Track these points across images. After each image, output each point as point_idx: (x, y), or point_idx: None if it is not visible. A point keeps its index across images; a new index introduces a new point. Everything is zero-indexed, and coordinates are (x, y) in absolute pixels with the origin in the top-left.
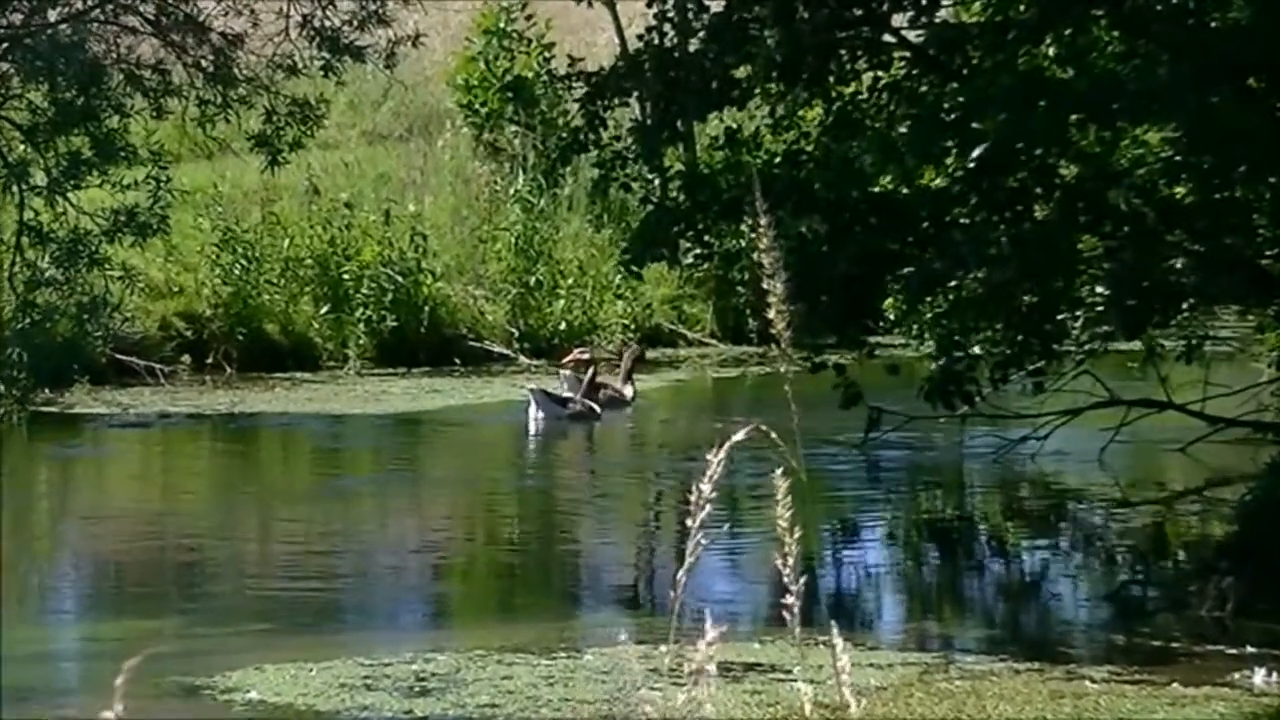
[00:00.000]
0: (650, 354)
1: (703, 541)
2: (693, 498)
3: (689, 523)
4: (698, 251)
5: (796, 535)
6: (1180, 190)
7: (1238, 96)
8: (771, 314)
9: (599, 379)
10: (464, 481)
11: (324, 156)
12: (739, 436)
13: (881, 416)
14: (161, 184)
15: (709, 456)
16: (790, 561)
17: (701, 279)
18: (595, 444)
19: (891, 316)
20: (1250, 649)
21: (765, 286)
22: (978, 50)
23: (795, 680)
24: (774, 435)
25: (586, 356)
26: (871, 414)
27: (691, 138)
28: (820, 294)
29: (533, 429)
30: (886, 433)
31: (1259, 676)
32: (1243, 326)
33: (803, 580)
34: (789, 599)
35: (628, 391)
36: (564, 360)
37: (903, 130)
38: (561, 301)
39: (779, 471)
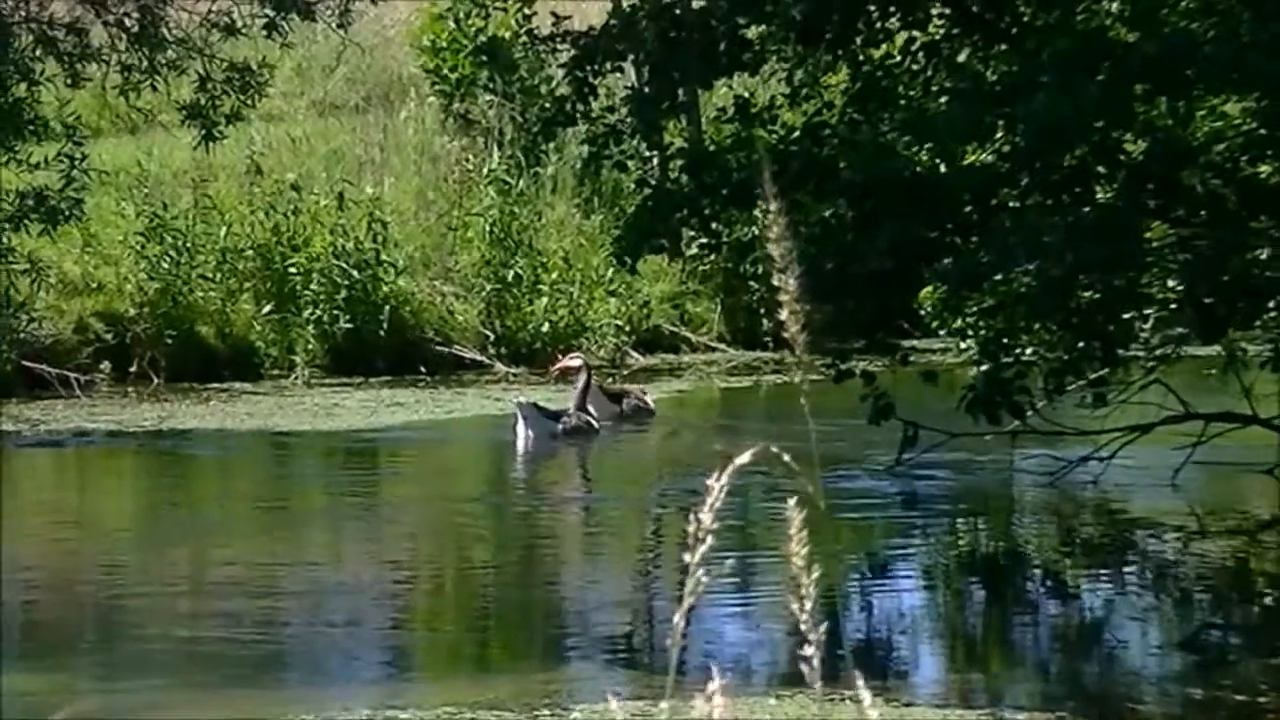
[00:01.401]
0: (648, 361)
1: (704, 581)
2: (691, 528)
3: (687, 557)
4: (703, 241)
5: (816, 574)
6: (1265, 169)
7: None
8: (785, 315)
9: (621, 386)
10: (431, 511)
11: (267, 131)
12: (745, 459)
13: (917, 433)
14: (77, 162)
15: (711, 482)
16: (809, 605)
17: (708, 273)
18: (590, 466)
19: (928, 317)
20: None
21: (778, 283)
22: (1029, 7)
23: None
24: (788, 457)
25: (577, 363)
26: (905, 430)
27: (696, 109)
28: (846, 290)
29: (520, 448)
30: (923, 452)
31: None
32: None
33: (824, 627)
34: (808, 648)
35: (650, 401)
36: (553, 368)
37: (941, 101)
38: (544, 299)
39: (794, 500)
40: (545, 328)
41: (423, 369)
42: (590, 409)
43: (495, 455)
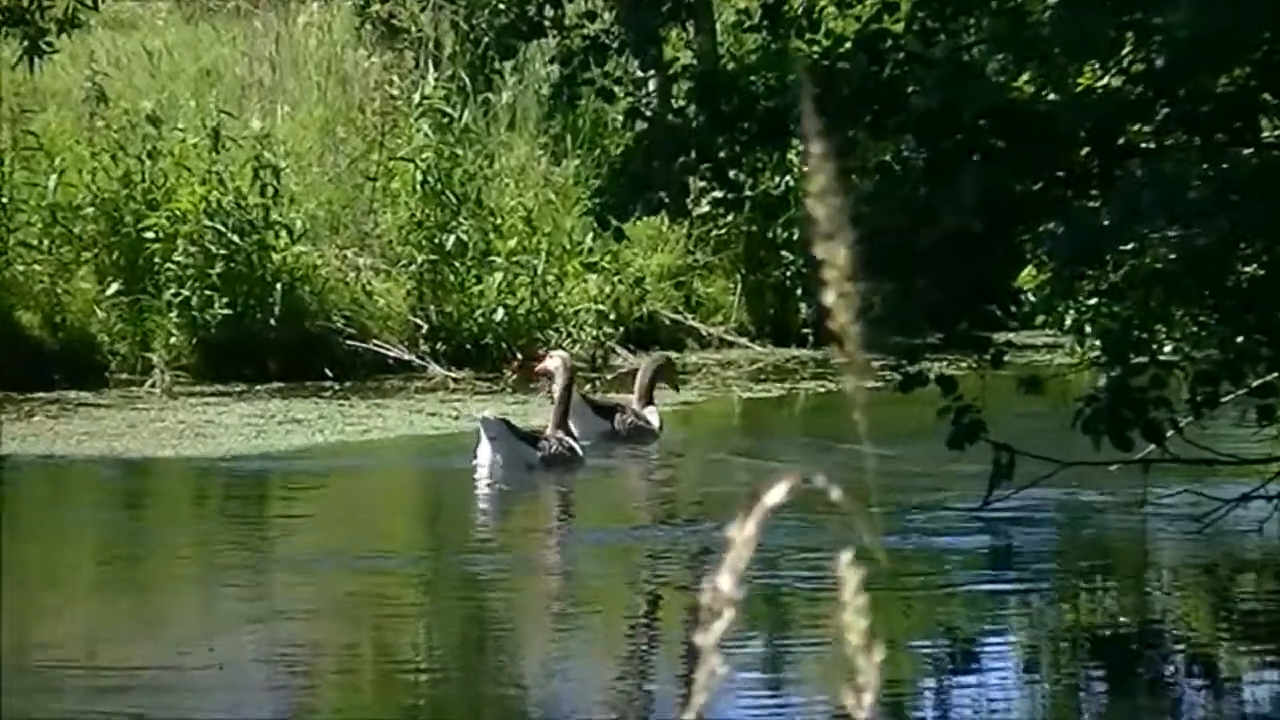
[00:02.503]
0: (641, 361)
1: (720, 671)
2: (704, 598)
3: (697, 640)
4: (718, 196)
5: (876, 656)
6: None
7: None
8: (831, 298)
9: (616, 399)
10: (341, 574)
11: (115, 43)
12: (778, 497)
13: (1013, 462)
14: None
15: (733, 531)
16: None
17: (724, 241)
18: (572, 508)
19: (1030, 301)
20: None
21: (822, 253)
22: None
23: None
24: (837, 492)
25: (556, 364)
26: (998, 458)
27: (708, 12)
28: (915, 264)
29: (483, 481)
30: (1023, 488)
31: None
32: None
33: None
34: None
35: (653, 419)
36: (518, 368)
37: (1047, 5)
38: (498, 276)
39: (846, 554)
40: (499, 315)
41: (329, 372)
42: (572, 428)
43: (432, 493)
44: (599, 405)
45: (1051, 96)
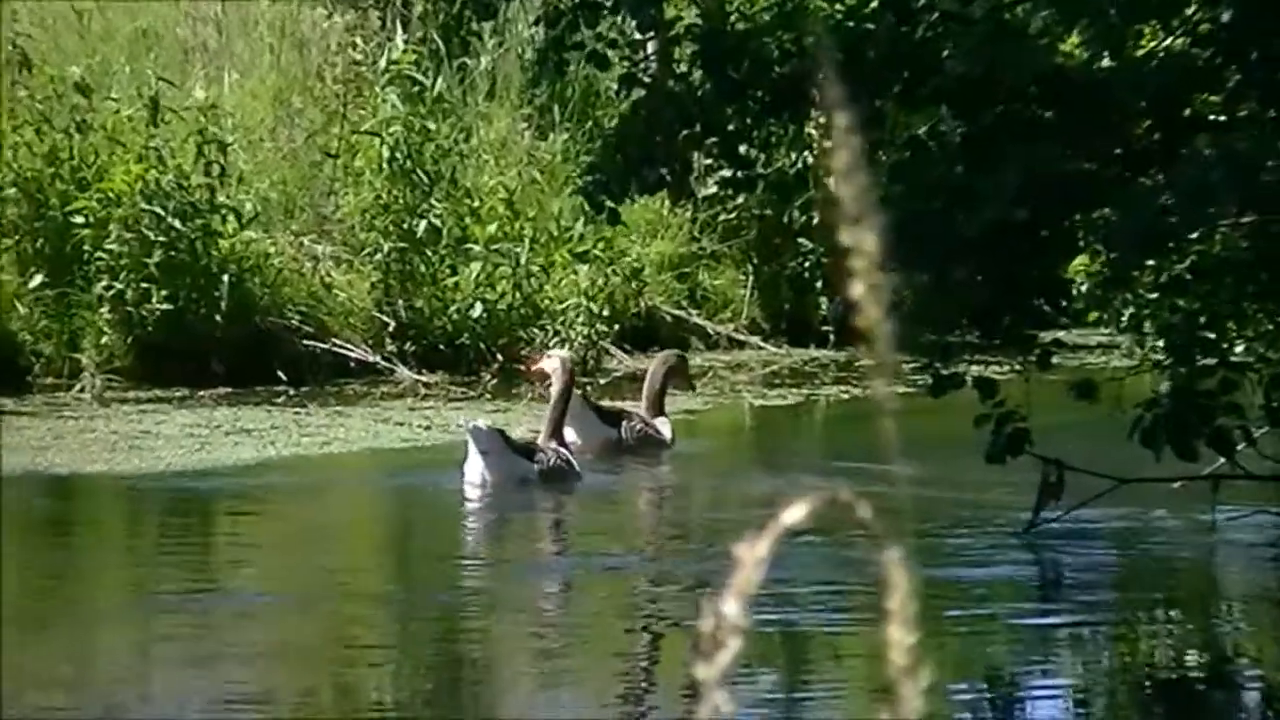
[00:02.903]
0: (637, 363)
1: (725, 709)
2: (705, 625)
3: (698, 673)
4: (726, 175)
5: (922, 681)
6: None
7: None
8: (859, 290)
9: (625, 406)
10: (298, 610)
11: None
12: (797, 515)
13: (1063, 477)
14: None
15: (743, 551)
16: None
17: (733, 226)
18: (570, 527)
19: (1083, 295)
20: None
21: (848, 240)
22: None
23: None
24: (865, 508)
25: (555, 365)
26: (1046, 473)
27: None
28: (951, 253)
29: (473, 494)
30: (1074, 508)
31: None
32: None
33: None
34: None
35: (665, 428)
36: (520, 370)
37: None
38: (476, 266)
39: (893, 552)
40: (477, 311)
41: (283, 376)
42: (569, 437)
43: (402, 515)
44: (603, 410)
45: (1106, 62)
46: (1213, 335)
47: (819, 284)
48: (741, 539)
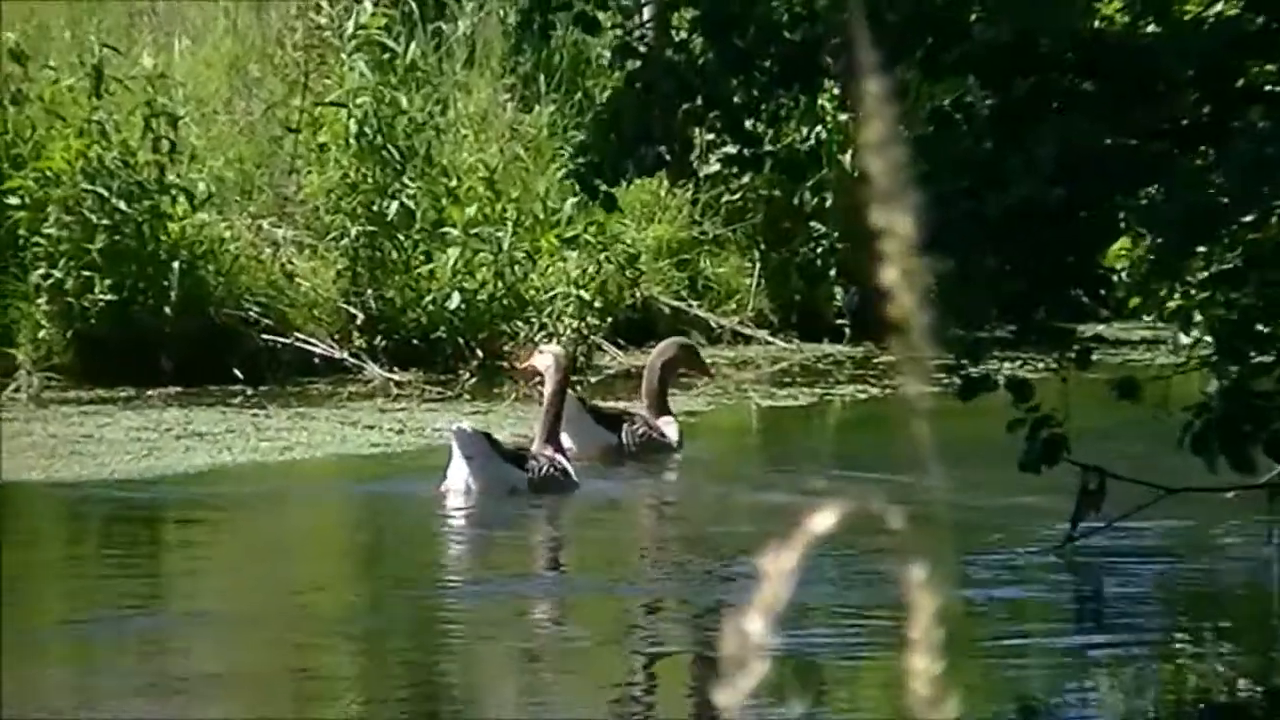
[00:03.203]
0: (632, 359)
1: None
2: (728, 645)
3: (719, 698)
4: (731, 152)
5: (949, 711)
6: None
7: None
8: (890, 277)
9: (626, 407)
10: (258, 628)
11: None
12: (826, 524)
13: (1104, 486)
14: None
15: (768, 563)
16: None
17: (738, 208)
18: (557, 543)
19: (1124, 285)
20: None
21: (878, 220)
22: None
23: None
24: (898, 519)
25: (548, 361)
26: (1085, 481)
27: None
28: (981, 238)
29: (456, 504)
30: (1117, 520)
31: None
32: None
33: None
34: None
35: (670, 431)
36: (517, 366)
37: None
38: (453, 252)
39: (918, 571)
40: (454, 301)
41: (240, 374)
42: (564, 442)
43: (371, 528)
44: (602, 413)
45: (1151, 27)
46: (1268, 329)
47: (833, 272)
48: (762, 553)
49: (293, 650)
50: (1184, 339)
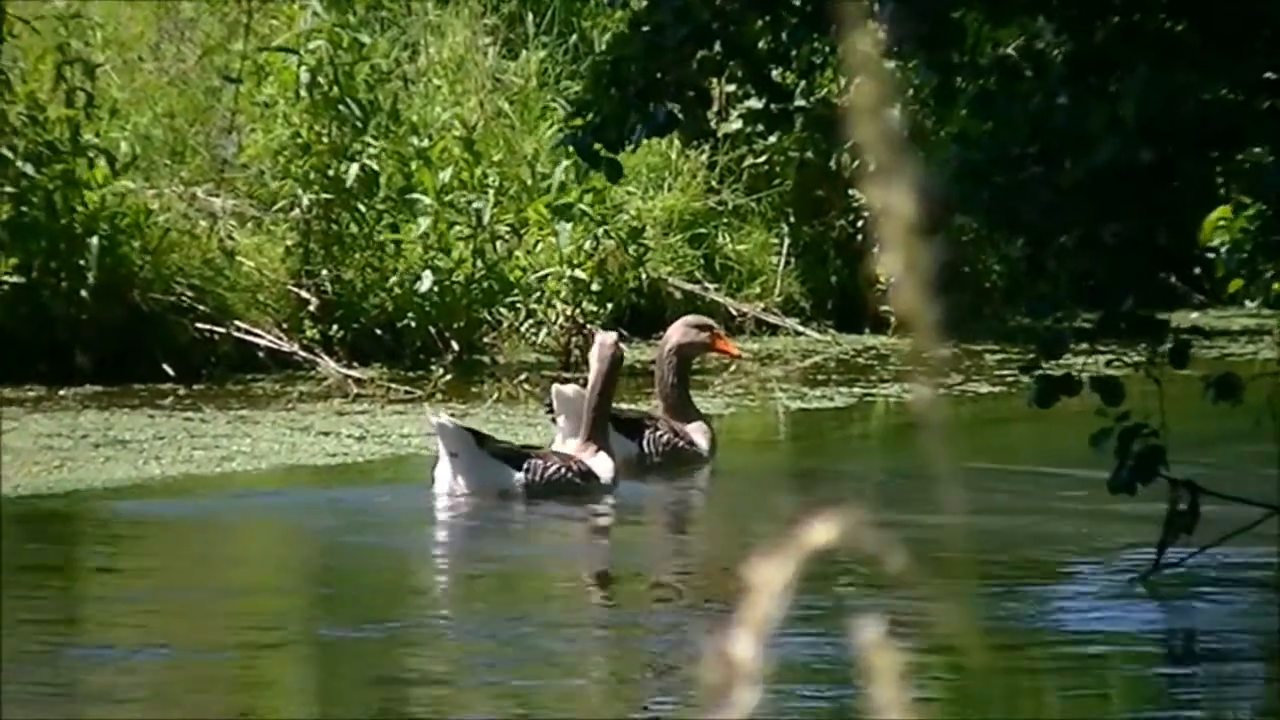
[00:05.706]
0: (638, 352)
1: None
2: (708, 669)
3: None
4: (754, 106)
5: None
6: None
7: None
8: (893, 262)
9: (649, 411)
10: (188, 665)
11: None
12: (825, 536)
13: (1198, 504)
14: None
15: (756, 574)
16: None
17: (762, 174)
18: (550, 560)
19: (1224, 265)
20: None
21: (877, 199)
22: None
23: None
24: (897, 557)
25: (599, 349)
26: (1177, 499)
27: None
28: (1055, 210)
29: (444, 508)
30: (1214, 544)
31: None
32: None
33: None
34: None
35: (700, 438)
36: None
37: None
38: (424, 224)
39: (871, 626)
40: (425, 283)
41: (170, 370)
42: (572, 448)
43: (327, 548)
44: (620, 418)
45: None
46: None
47: (876, 249)
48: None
49: (231, 686)
50: None
